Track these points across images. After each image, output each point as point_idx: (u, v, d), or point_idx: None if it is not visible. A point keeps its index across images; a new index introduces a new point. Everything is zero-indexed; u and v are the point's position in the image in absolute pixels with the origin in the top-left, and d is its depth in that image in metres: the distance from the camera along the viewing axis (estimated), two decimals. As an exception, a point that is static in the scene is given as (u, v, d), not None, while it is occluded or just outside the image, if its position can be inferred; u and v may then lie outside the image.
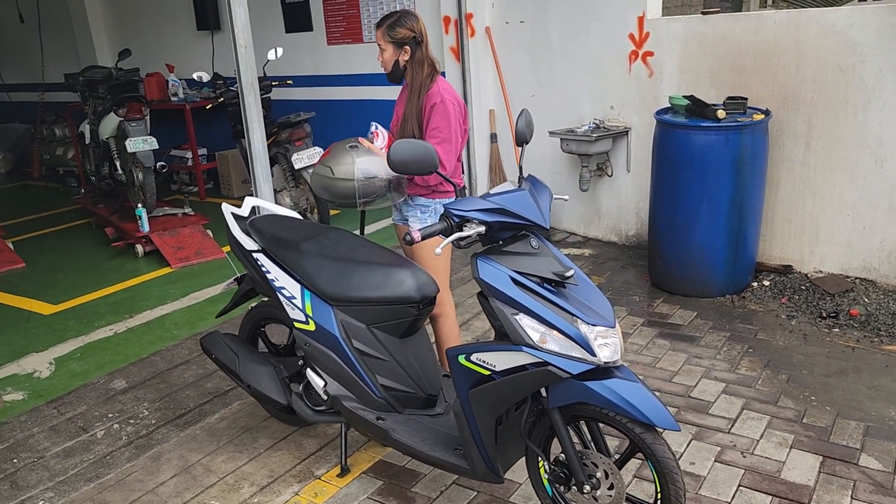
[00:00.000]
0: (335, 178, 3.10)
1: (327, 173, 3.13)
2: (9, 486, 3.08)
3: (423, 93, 3.19)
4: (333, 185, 3.12)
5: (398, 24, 3.16)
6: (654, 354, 3.96)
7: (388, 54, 3.21)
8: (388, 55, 3.21)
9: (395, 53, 3.20)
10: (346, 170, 3.06)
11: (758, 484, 2.85)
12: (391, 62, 3.22)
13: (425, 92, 3.19)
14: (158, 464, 3.20)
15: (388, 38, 3.18)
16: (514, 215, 2.34)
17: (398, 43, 3.18)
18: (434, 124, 3.12)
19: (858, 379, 3.59)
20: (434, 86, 3.19)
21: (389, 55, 3.21)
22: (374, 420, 2.76)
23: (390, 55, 3.21)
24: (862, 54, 4.26)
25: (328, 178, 3.13)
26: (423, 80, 3.20)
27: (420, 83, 3.20)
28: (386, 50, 3.20)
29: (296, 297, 2.86)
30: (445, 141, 3.11)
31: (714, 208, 4.47)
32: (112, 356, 4.22)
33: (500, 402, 2.43)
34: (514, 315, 2.31)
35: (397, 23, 3.16)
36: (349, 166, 3.06)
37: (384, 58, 3.23)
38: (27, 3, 9.70)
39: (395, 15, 3.19)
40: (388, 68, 3.25)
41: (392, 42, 3.18)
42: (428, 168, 2.36)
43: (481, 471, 2.55)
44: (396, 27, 3.16)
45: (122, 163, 6.46)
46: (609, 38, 5.41)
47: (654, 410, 2.26)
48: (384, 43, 3.20)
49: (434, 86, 3.19)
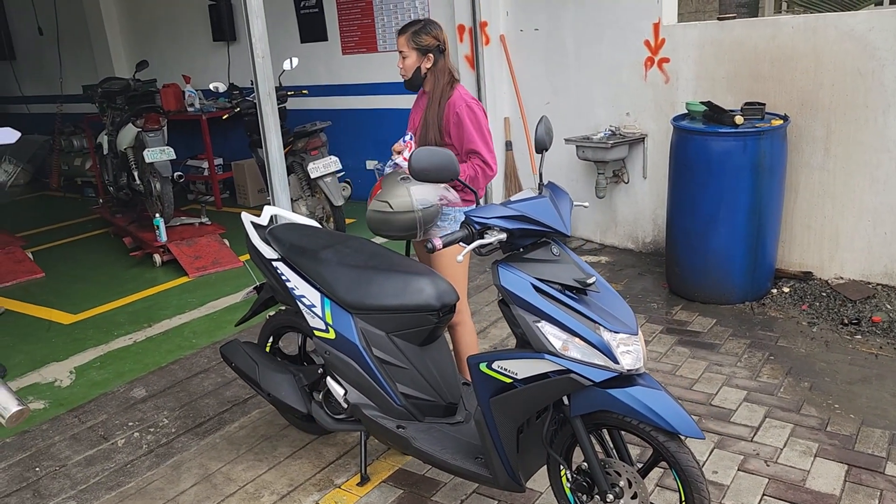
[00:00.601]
0: (395, 212, 2.96)
1: (385, 208, 2.99)
2: (31, 494, 3.10)
3: (443, 100, 3.20)
4: (393, 219, 2.98)
5: (424, 31, 3.18)
6: (674, 362, 3.93)
7: (411, 61, 3.22)
8: (410, 62, 3.22)
9: (418, 60, 3.21)
10: (403, 202, 2.95)
11: (782, 493, 2.82)
12: (412, 69, 3.23)
13: (446, 100, 3.20)
14: (179, 472, 3.21)
15: (412, 45, 3.19)
16: (535, 222, 2.33)
17: (422, 50, 3.19)
18: (470, 129, 3.14)
19: (882, 386, 3.54)
20: (454, 93, 3.21)
21: (412, 62, 3.22)
22: (395, 429, 2.75)
23: (412, 62, 3.22)
24: (881, 58, 4.23)
25: (387, 213, 2.98)
26: (443, 87, 3.22)
27: (441, 91, 3.21)
28: (409, 56, 3.22)
29: (315, 306, 2.86)
30: (486, 144, 3.16)
31: (732, 215, 4.44)
32: (132, 365, 4.24)
33: (522, 410, 2.42)
34: (536, 322, 2.30)
35: (423, 30, 3.18)
36: (406, 198, 2.94)
37: (405, 64, 3.24)
38: (46, 16, 9.82)
39: (420, 22, 3.21)
40: (408, 75, 3.26)
41: (416, 49, 3.19)
42: (449, 175, 2.36)
43: (503, 479, 2.54)
44: (422, 34, 3.18)
45: (139, 173, 6.51)
46: (624, 44, 5.40)
47: (678, 418, 2.24)
48: (407, 49, 3.20)
49: (454, 93, 3.21)
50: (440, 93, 3.22)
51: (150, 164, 6.09)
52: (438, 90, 3.22)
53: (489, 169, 3.18)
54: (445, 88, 3.22)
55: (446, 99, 3.20)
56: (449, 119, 3.18)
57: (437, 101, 3.21)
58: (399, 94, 7.21)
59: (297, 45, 7.74)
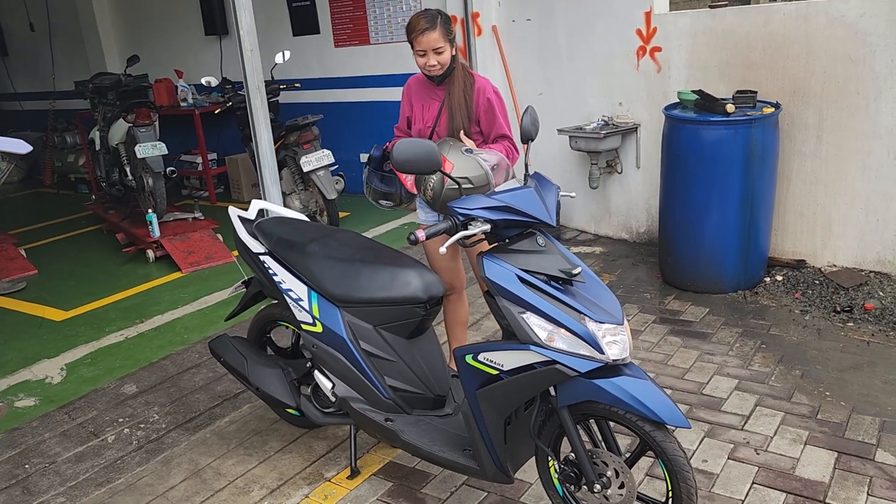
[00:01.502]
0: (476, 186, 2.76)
1: (466, 184, 2.70)
2: (21, 491, 3.10)
3: (468, 87, 3.10)
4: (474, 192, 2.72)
5: (448, 19, 3.01)
6: (666, 352, 3.92)
7: (448, 53, 3.03)
8: (447, 55, 3.03)
9: (451, 50, 3.05)
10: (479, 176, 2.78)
11: (772, 481, 2.81)
12: (449, 61, 3.05)
13: (471, 86, 3.10)
14: (169, 468, 3.20)
15: (446, 38, 3.00)
16: (519, 213, 2.32)
17: (453, 39, 3.04)
18: (498, 115, 3.12)
19: (874, 373, 3.54)
20: (478, 78, 3.14)
21: (449, 54, 3.04)
22: (383, 421, 2.74)
23: (449, 54, 3.04)
24: (873, 45, 4.21)
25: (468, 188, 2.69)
26: (464, 73, 3.13)
27: (463, 77, 3.12)
28: (445, 50, 3.01)
29: (302, 299, 2.85)
30: (510, 126, 3.13)
31: (724, 203, 4.43)
32: (122, 361, 4.23)
33: (509, 401, 2.41)
34: (522, 314, 2.29)
35: (447, 19, 3.01)
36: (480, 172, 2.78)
37: (442, 59, 3.03)
38: (38, 13, 9.77)
39: (434, 13, 3.00)
40: (445, 68, 3.06)
41: (450, 40, 3.02)
42: (432, 166, 2.34)
43: (491, 471, 2.53)
44: (450, 23, 3.01)
45: (131, 168, 6.49)
46: (616, 34, 5.37)
47: (665, 408, 2.23)
48: (443, 43, 2.99)
49: (478, 78, 3.14)
50: (463, 79, 3.11)
51: (141, 159, 6.07)
52: (461, 77, 3.11)
53: (516, 152, 3.16)
54: (467, 75, 3.13)
55: (471, 85, 3.10)
56: (479, 105, 3.10)
57: (462, 87, 3.09)
58: (391, 86, 7.19)
59: (290, 39, 7.70)
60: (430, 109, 3.21)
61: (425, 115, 3.23)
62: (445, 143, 2.88)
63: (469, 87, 3.12)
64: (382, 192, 3.29)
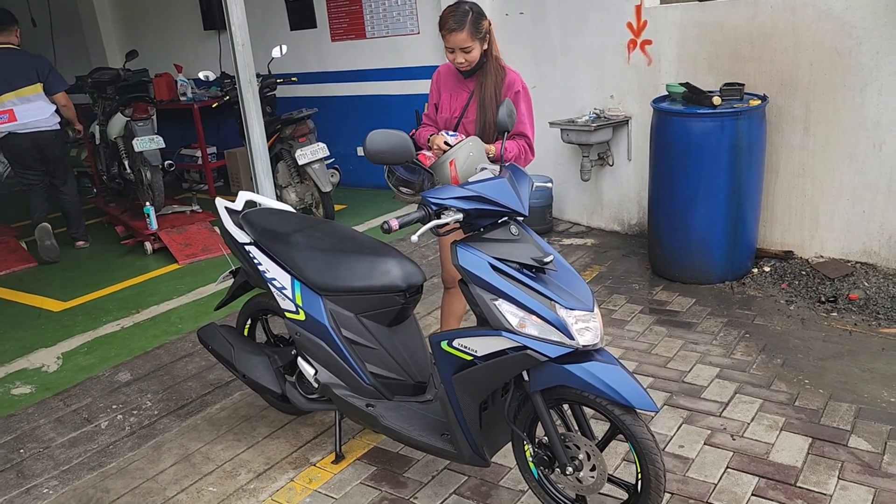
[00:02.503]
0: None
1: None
2: (15, 475, 3.18)
3: (499, 80, 3.12)
4: None
5: (481, 16, 3.01)
6: (651, 341, 3.98)
7: (477, 51, 3.04)
8: (475, 53, 3.04)
9: (481, 47, 3.06)
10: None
11: (745, 466, 2.87)
12: (477, 58, 3.07)
13: (502, 79, 3.12)
14: (159, 453, 3.28)
15: (475, 37, 3.00)
16: (492, 202, 2.38)
17: (483, 36, 3.05)
18: (523, 112, 3.14)
19: (854, 362, 3.59)
20: (509, 72, 3.16)
21: (477, 52, 3.05)
22: (364, 407, 2.81)
23: (478, 52, 3.05)
24: (858, 37, 4.24)
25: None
26: (496, 67, 3.15)
27: (495, 70, 3.13)
28: (474, 48, 3.02)
29: (286, 288, 2.91)
30: (533, 129, 3.17)
31: (712, 195, 4.47)
32: (118, 350, 4.31)
33: (483, 386, 2.47)
34: (494, 300, 2.35)
35: (480, 16, 3.01)
36: None
37: (471, 57, 3.04)
38: (39, 8, 9.84)
39: (465, 9, 2.99)
40: (473, 65, 3.08)
41: (480, 38, 3.02)
42: (403, 157, 2.40)
43: (467, 454, 2.60)
44: (481, 20, 3.01)
45: (130, 162, 6.57)
46: (608, 27, 5.41)
47: (633, 392, 2.29)
48: (472, 42, 2.99)
49: (509, 72, 3.16)
50: (495, 73, 3.13)
51: (139, 153, 6.15)
52: (494, 71, 3.14)
53: (531, 153, 3.18)
54: (499, 69, 3.15)
55: (502, 79, 3.13)
56: (508, 97, 3.09)
57: (493, 79, 3.11)
58: (388, 80, 7.25)
59: (287, 33, 7.76)
60: (459, 99, 3.24)
61: (453, 104, 3.26)
62: (465, 148, 2.73)
63: (500, 81, 3.15)
64: (404, 180, 3.18)
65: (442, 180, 2.72)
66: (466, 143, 2.76)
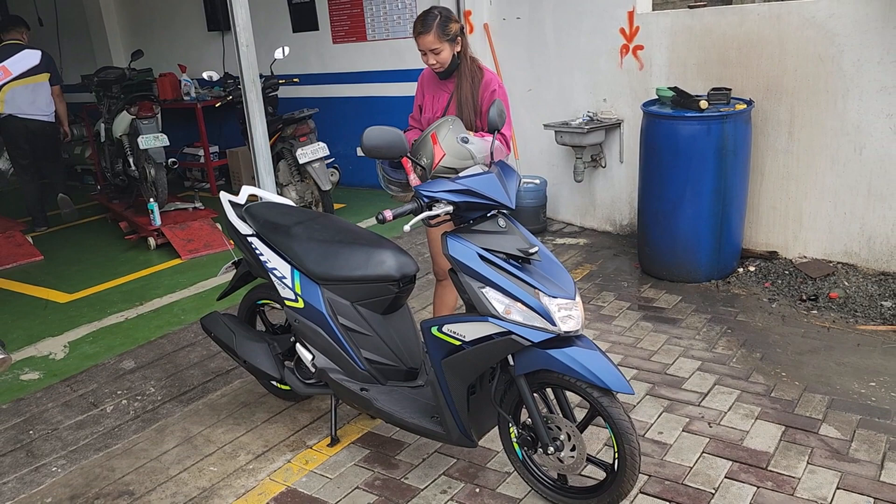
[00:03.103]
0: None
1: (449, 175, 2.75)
2: (25, 454, 3.33)
3: (476, 81, 3.29)
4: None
5: (448, 20, 3.20)
6: (637, 335, 4.12)
7: (446, 53, 3.23)
8: (445, 54, 3.23)
9: (451, 49, 3.24)
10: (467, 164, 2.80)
11: (720, 451, 3.02)
12: (449, 59, 3.25)
13: (479, 81, 3.29)
14: (163, 435, 3.43)
15: (443, 38, 3.19)
16: (480, 196, 2.53)
17: (452, 38, 3.22)
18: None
19: (829, 356, 3.73)
20: (486, 73, 3.33)
21: (447, 53, 3.23)
22: (359, 391, 2.96)
23: (448, 53, 3.24)
24: (840, 44, 4.40)
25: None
26: (472, 68, 3.31)
27: (471, 72, 3.30)
28: (443, 50, 3.21)
29: (286, 277, 3.06)
30: (509, 126, 3.29)
31: (698, 196, 4.62)
32: (122, 339, 4.46)
33: (471, 370, 2.62)
34: (481, 288, 2.50)
35: (446, 19, 3.19)
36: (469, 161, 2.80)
37: (441, 58, 3.24)
38: (46, 8, 10.02)
39: (434, 13, 3.20)
40: (445, 66, 3.27)
41: (448, 40, 3.21)
42: (398, 152, 2.55)
43: (455, 435, 2.74)
44: (448, 24, 3.19)
45: (134, 159, 6.72)
46: (601, 32, 5.57)
47: (610, 375, 2.44)
48: (439, 44, 3.19)
49: (486, 73, 3.33)
50: (471, 74, 3.30)
51: (144, 150, 6.30)
52: (469, 72, 3.30)
53: (507, 148, 3.30)
54: (476, 70, 3.32)
55: (479, 80, 3.29)
56: (484, 98, 3.29)
57: (470, 81, 3.28)
58: (388, 81, 7.41)
59: (290, 35, 7.92)
60: (440, 100, 3.42)
61: (435, 105, 3.44)
62: (445, 124, 2.89)
63: (476, 81, 3.32)
64: (391, 179, 3.38)
65: (426, 155, 2.84)
66: (445, 119, 2.92)
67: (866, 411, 3.23)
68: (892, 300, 4.22)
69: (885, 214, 4.45)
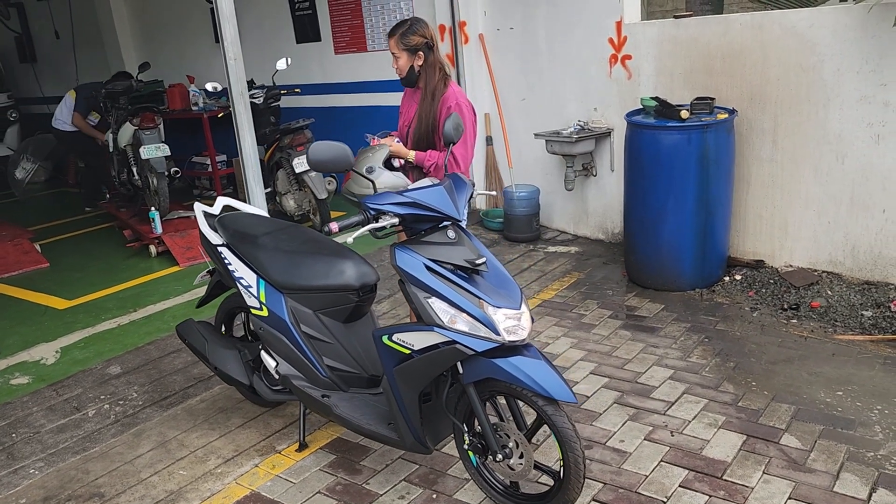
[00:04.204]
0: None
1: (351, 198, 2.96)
2: (5, 456, 3.45)
3: (437, 96, 3.42)
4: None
5: (410, 31, 3.38)
6: (614, 344, 4.14)
7: (403, 61, 3.43)
8: (402, 62, 3.43)
9: (410, 60, 3.42)
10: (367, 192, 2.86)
11: (679, 460, 3.03)
12: (406, 68, 3.44)
13: (440, 95, 3.41)
14: (139, 439, 3.53)
15: (401, 46, 3.39)
16: (426, 208, 2.59)
17: (412, 49, 3.39)
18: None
19: (802, 366, 3.73)
20: (448, 90, 3.43)
21: (404, 62, 3.43)
22: (320, 397, 3.02)
23: (405, 62, 3.43)
24: (821, 54, 4.39)
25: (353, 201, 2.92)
26: (436, 83, 3.43)
27: (434, 87, 3.43)
28: (400, 57, 3.42)
29: (252, 286, 3.15)
30: (463, 143, 3.39)
31: (680, 205, 4.64)
32: (112, 345, 4.58)
33: (421, 378, 2.68)
34: (427, 299, 2.56)
35: (409, 31, 3.38)
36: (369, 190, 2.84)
37: (399, 65, 3.44)
38: (62, 21, 10.30)
39: (406, 23, 3.40)
40: (403, 74, 3.47)
41: (406, 49, 3.39)
42: (343, 166, 2.62)
43: (409, 441, 2.80)
44: (409, 35, 3.37)
45: (138, 169, 6.89)
46: (591, 42, 5.60)
47: (554, 385, 2.48)
48: (398, 51, 3.40)
49: (448, 90, 3.43)
50: (433, 88, 3.43)
51: (146, 160, 6.46)
52: (432, 86, 3.44)
53: (456, 165, 3.41)
54: (438, 84, 3.44)
55: (440, 95, 3.42)
56: (441, 114, 3.40)
57: (431, 97, 3.43)
58: (388, 91, 7.48)
59: (293, 46, 8.06)
60: (410, 111, 3.59)
61: (407, 113, 3.61)
62: (371, 150, 3.12)
63: (438, 96, 3.42)
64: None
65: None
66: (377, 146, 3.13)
67: (830, 421, 3.23)
68: (872, 310, 4.20)
69: (867, 224, 4.42)
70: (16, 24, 11.45)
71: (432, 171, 3.36)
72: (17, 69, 11.88)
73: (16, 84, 11.78)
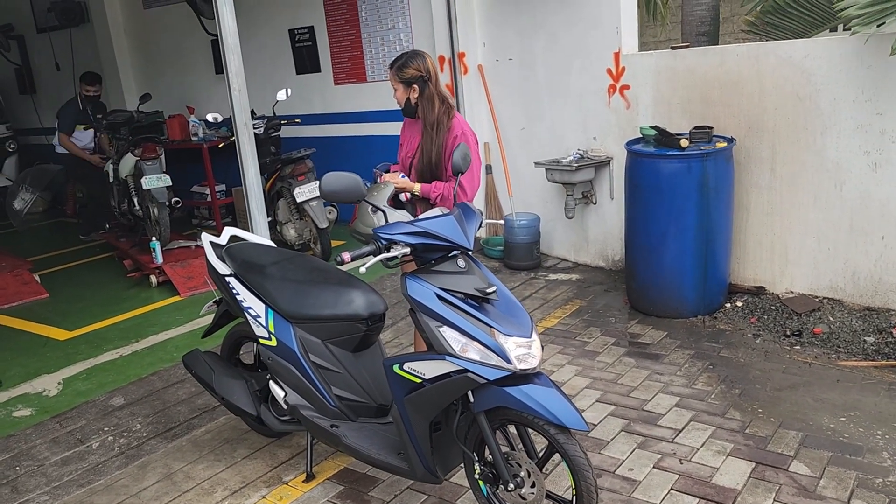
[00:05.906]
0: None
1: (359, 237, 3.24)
2: (9, 490, 3.41)
3: (441, 128, 3.47)
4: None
5: (406, 65, 3.47)
6: (619, 371, 4.15)
7: (400, 93, 3.54)
8: (399, 94, 3.54)
9: (406, 92, 3.51)
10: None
11: (689, 488, 3.03)
12: (403, 99, 3.55)
13: (446, 128, 3.47)
14: (144, 471, 3.50)
15: (397, 79, 3.50)
16: (437, 237, 2.61)
17: (407, 82, 3.49)
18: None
19: (808, 392, 3.74)
20: (454, 121, 3.50)
21: (401, 94, 3.53)
22: (329, 427, 3.02)
23: (401, 94, 3.53)
24: (817, 84, 4.47)
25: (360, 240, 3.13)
26: (437, 115, 3.49)
27: (435, 119, 3.48)
28: (397, 89, 3.53)
29: (260, 316, 3.15)
30: (469, 172, 3.40)
31: (681, 233, 4.68)
32: (114, 376, 4.57)
33: (431, 407, 2.68)
34: (439, 327, 2.57)
35: (405, 64, 3.47)
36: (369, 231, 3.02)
37: (396, 96, 3.56)
38: (63, 53, 10.39)
39: (403, 57, 3.51)
40: (401, 105, 3.58)
41: (401, 82, 3.50)
42: (356, 196, 2.65)
43: (419, 472, 2.79)
44: (404, 68, 3.47)
45: (139, 199, 6.91)
46: (590, 73, 5.68)
47: (566, 413, 2.49)
48: (395, 83, 3.52)
49: (454, 121, 3.50)
50: (434, 120, 3.48)
51: (147, 190, 6.48)
52: (431, 118, 3.49)
53: (464, 194, 3.44)
54: (442, 116, 3.49)
55: (446, 127, 3.48)
56: (448, 144, 3.45)
57: (433, 128, 3.48)
58: (387, 120, 7.56)
59: (294, 77, 8.13)
60: (413, 142, 3.63)
61: (409, 144, 3.65)
62: (377, 188, 3.23)
63: (444, 128, 3.48)
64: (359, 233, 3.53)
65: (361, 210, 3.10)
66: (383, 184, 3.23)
67: (838, 448, 3.23)
68: (875, 335, 4.22)
69: (867, 250, 4.46)
70: (15, 55, 11.54)
71: (438, 202, 3.39)
72: (16, 100, 11.94)
73: (15, 115, 11.83)
